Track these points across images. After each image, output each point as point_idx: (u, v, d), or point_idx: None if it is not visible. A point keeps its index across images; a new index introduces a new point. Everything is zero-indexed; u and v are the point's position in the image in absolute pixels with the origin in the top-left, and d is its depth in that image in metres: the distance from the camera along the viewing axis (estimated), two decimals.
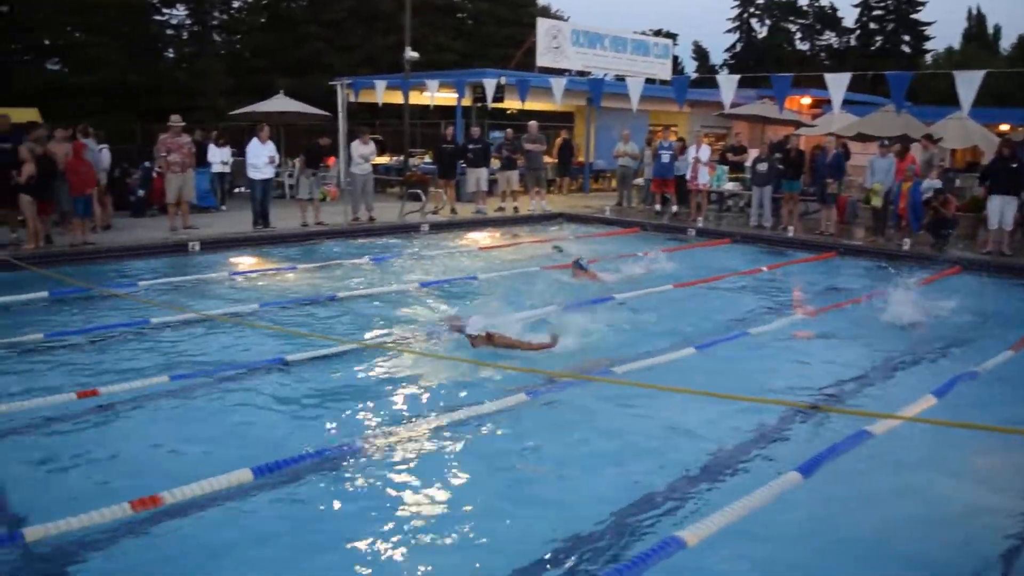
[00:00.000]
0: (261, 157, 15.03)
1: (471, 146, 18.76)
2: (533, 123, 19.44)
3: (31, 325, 8.62)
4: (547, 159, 21.41)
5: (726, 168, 19.59)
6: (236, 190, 20.08)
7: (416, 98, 22.23)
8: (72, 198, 12.61)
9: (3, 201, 12.33)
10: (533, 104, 22.58)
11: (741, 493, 4.69)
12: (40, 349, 7.92)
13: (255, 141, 15.12)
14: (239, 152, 18.05)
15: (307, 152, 16.05)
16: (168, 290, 10.68)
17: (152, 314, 9.01)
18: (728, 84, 16.25)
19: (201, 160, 16.95)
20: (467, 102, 22.24)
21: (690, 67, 65.52)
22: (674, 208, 18.53)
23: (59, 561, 4.15)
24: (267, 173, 15.10)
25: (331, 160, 19.52)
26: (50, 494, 4.89)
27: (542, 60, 23.75)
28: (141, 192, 16.68)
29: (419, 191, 18.72)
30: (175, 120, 14.80)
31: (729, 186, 19.28)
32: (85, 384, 6.69)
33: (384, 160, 24.10)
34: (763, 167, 16.64)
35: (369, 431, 5.98)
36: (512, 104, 21.06)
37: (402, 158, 22.46)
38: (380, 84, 20.97)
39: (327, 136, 17.23)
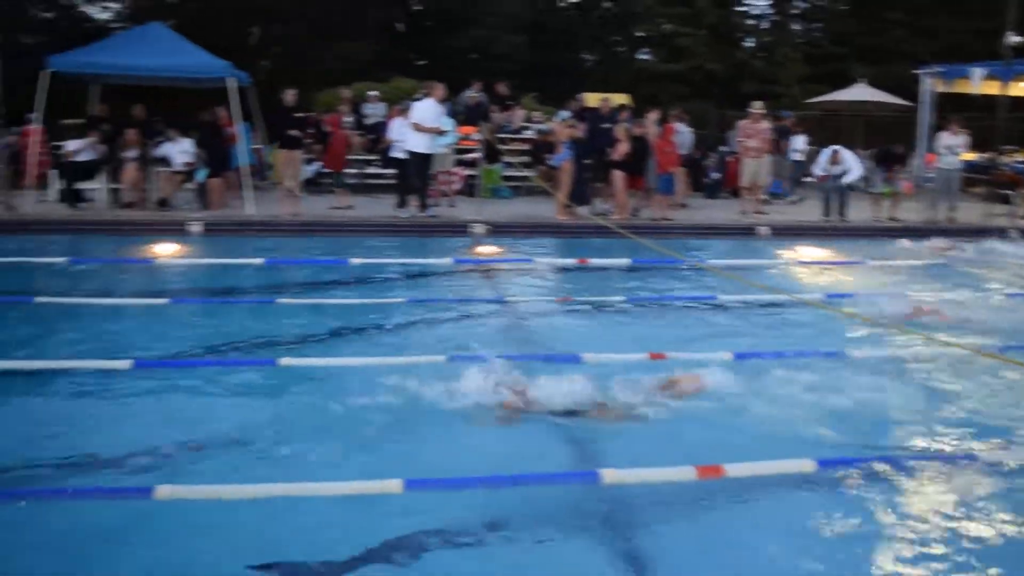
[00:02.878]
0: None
1: None
2: None
3: (612, 288, 9.55)
4: None
5: None
6: (805, 179, 19.90)
7: (1017, 89, 19.79)
8: (657, 175, 13.66)
9: (600, 175, 13.82)
10: None
11: None
12: (620, 310, 8.73)
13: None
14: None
15: (881, 153, 15.30)
16: (732, 271, 10.98)
17: (720, 290, 9.34)
18: None
19: (779, 147, 17.11)
20: None
21: None
22: None
23: None
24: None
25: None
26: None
27: None
28: (716, 175, 17.43)
29: (1009, 192, 16.74)
30: (757, 107, 15.12)
31: None
32: (651, 348, 7.11)
33: (970, 156, 21.94)
34: None
35: None
36: None
37: (990, 155, 20.22)
38: (977, 72, 19.06)
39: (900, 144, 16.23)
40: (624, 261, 11.00)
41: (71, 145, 14.05)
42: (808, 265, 11.61)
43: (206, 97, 17.96)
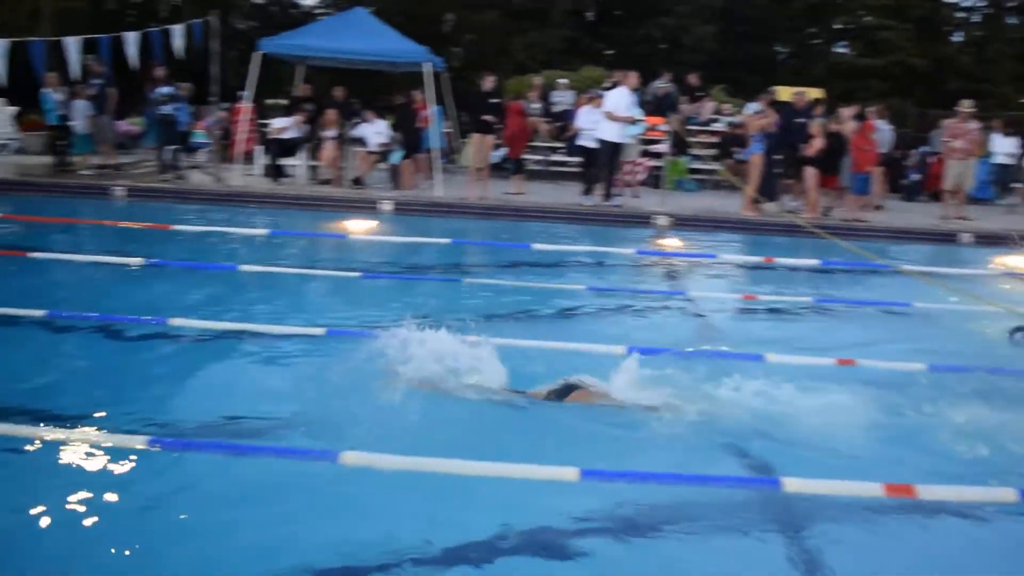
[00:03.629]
0: None
1: None
2: None
3: (800, 288, 9.24)
4: None
5: None
6: (1015, 184, 18.54)
7: None
8: (851, 174, 13.09)
9: (791, 171, 13.38)
10: None
11: None
12: (807, 311, 8.46)
13: None
14: None
15: None
16: (932, 278, 10.39)
17: (916, 297, 8.88)
18: None
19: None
20: None
21: None
22: None
23: None
24: None
25: None
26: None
27: None
28: (916, 176, 16.52)
29: None
30: (965, 106, 14.20)
31: None
32: (839, 353, 6.86)
33: None
34: None
35: None
36: None
37: None
38: None
39: None
40: (813, 262, 10.62)
41: (277, 123, 14.94)
42: (1019, 277, 10.84)
43: (400, 81, 18.69)
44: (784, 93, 16.42)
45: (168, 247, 9.99)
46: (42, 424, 4.73)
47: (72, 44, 14.29)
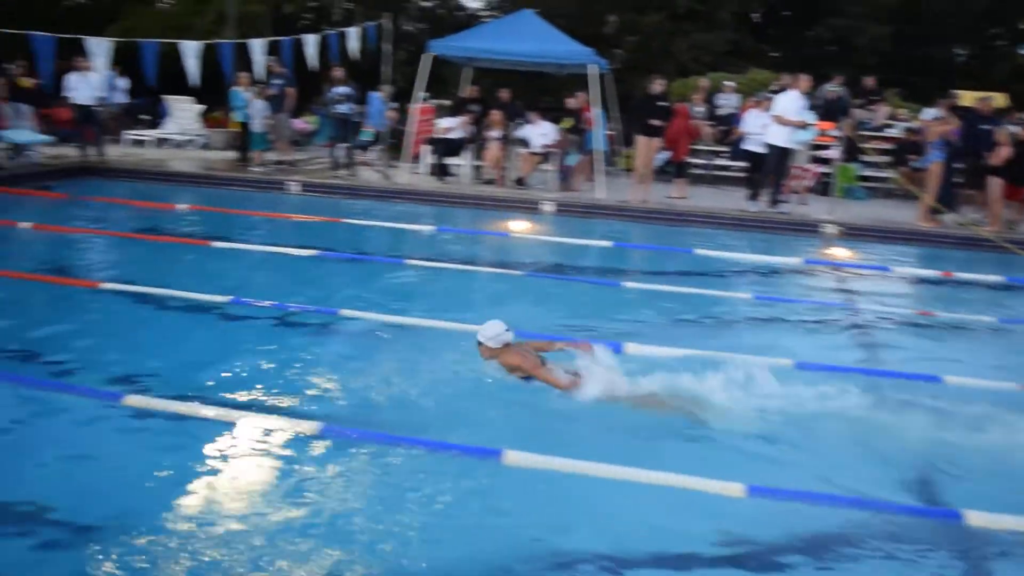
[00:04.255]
0: None
1: None
2: None
3: (981, 306, 8.73)
4: None
5: None
6: None
7: None
8: None
9: (974, 181, 12.64)
10: None
11: None
12: (989, 331, 7.99)
13: None
14: None
15: None
16: None
17: None
18: None
19: None
20: None
21: None
22: None
23: None
24: None
25: None
26: None
27: None
28: None
29: None
30: None
31: None
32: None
33: None
34: None
35: None
36: None
37: None
38: None
39: None
40: (996, 278, 10.01)
41: (444, 122, 15.31)
42: None
43: (565, 83, 18.79)
44: (966, 98, 15.52)
45: (339, 240, 10.44)
46: (222, 405, 5.07)
47: (257, 46, 15.13)
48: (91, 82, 14.44)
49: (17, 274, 8.04)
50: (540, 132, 14.47)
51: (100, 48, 13.80)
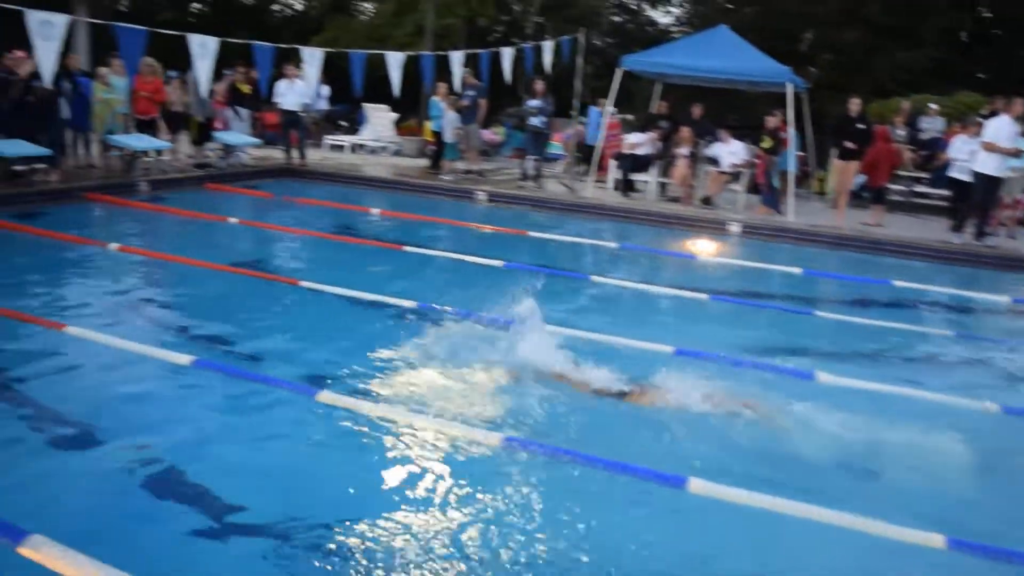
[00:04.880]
0: None
1: None
2: None
3: None
4: None
5: None
6: None
7: None
8: None
9: None
10: None
11: None
12: None
13: None
14: None
15: None
16: None
17: None
18: None
19: None
20: None
21: None
22: None
23: None
24: None
25: None
26: None
27: None
28: None
29: None
30: None
31: None
32: None
33: None
34: None
35: None
36: None
37: None
38: None
39: None
40: None
41: (632, 138, 15.30)
42: None
43: (753, 100, 18.37)
44: None
45: (524, 251, 10.60)
46: (407, 408, 5.20)
47: (456, 58, 15.63)
48: (298, 89, 15.36)
49: (223, 267, 8.67)
50: (730, 151, 14.21)
51: (313, 57, 14.64)
